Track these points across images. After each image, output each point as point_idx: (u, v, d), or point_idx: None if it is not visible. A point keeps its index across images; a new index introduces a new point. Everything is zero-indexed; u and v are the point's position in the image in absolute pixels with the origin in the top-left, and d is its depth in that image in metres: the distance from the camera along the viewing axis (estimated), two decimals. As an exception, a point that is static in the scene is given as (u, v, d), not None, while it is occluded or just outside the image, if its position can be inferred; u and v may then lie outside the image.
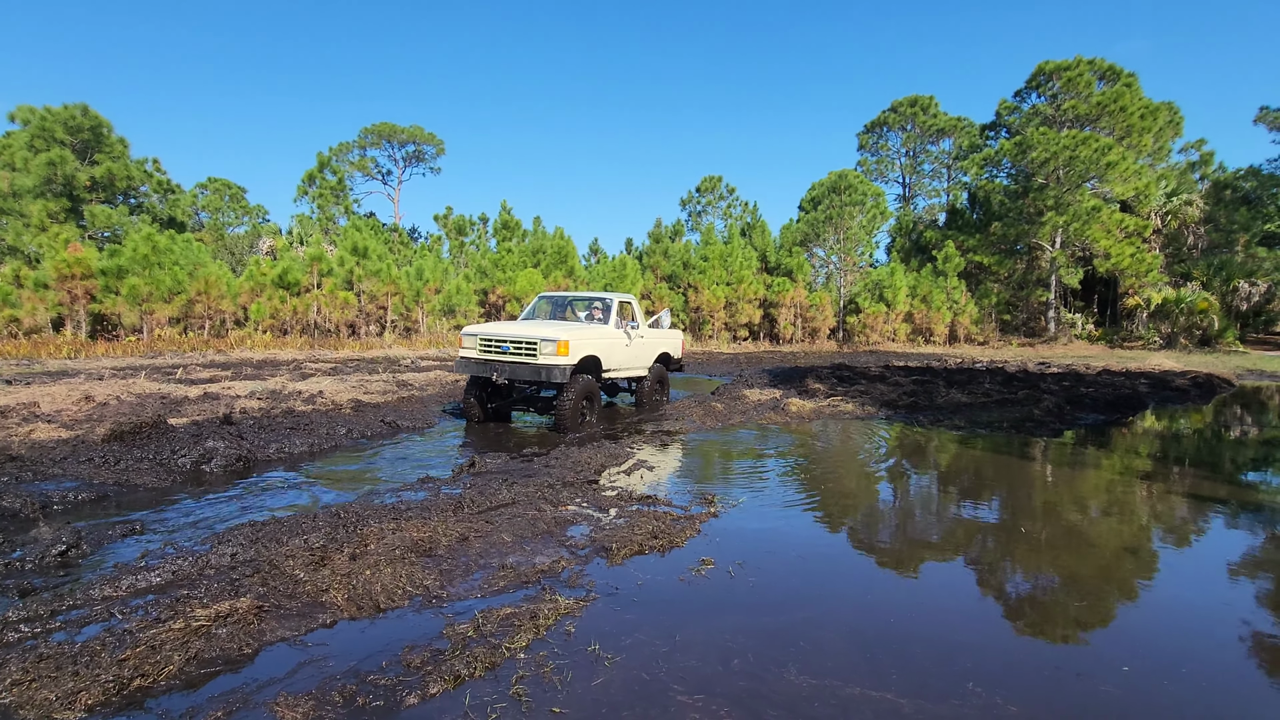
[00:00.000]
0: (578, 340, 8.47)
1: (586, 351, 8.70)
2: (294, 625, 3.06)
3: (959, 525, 5.12)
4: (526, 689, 2.61)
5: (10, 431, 7.19)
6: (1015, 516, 5.38)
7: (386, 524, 4.22)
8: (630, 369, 10.13)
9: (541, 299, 11.00)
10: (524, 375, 8.36)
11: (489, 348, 8.73)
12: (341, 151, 48.31)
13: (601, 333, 9.28)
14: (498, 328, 9.00)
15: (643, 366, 10.47)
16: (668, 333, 11.18)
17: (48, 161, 27.00)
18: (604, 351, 9.16)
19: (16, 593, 3.38)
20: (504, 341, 8.59)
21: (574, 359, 8.36)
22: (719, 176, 45.44)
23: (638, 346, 10.14)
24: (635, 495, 5.45)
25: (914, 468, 7.19)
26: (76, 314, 21.89)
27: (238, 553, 3.74)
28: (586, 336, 8.78)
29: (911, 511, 5.55)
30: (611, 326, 9.61)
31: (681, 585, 3.72)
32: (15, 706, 2.36)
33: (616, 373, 9.77)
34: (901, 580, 3.97)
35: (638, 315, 10.42)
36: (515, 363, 8.43)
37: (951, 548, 4.60)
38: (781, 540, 4.61)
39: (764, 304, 33.01)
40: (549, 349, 8.24)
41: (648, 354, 10.53)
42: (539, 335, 8.32)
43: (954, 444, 8.36)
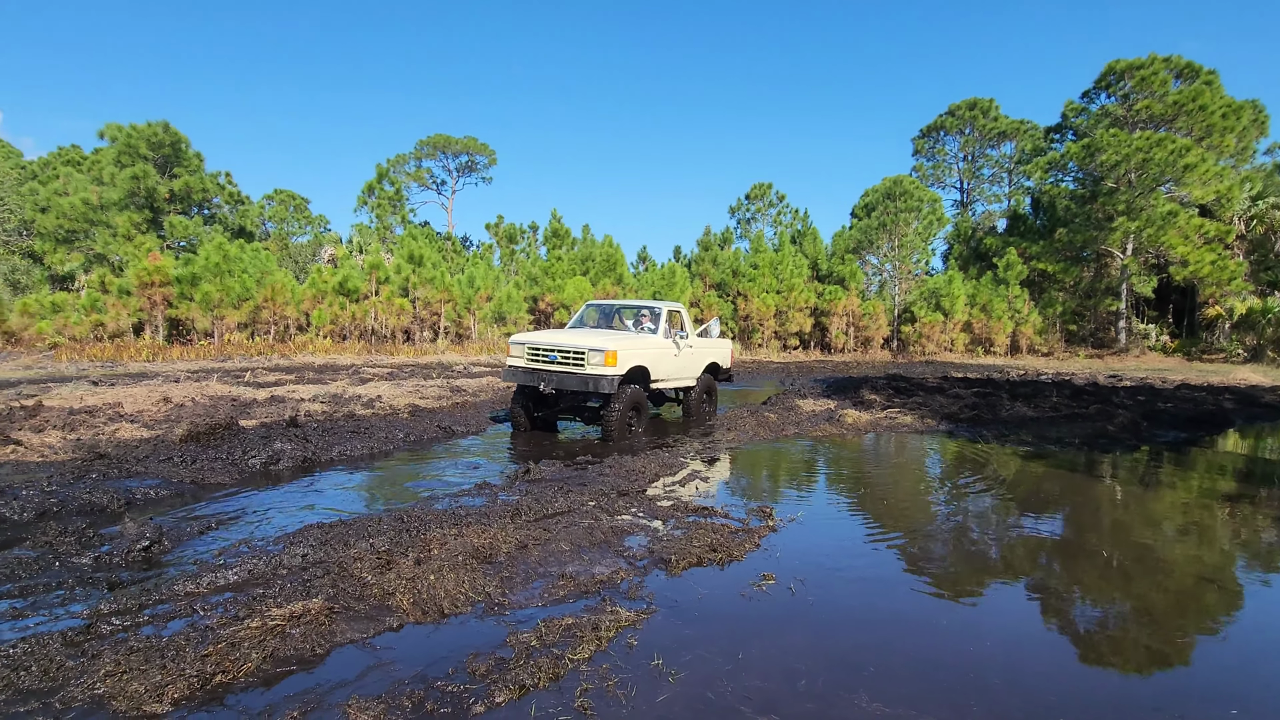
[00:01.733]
0: (626, 350, 8.36)
1: (634, 362, 8.55)
2: (362, 628, 3.12)
3: (1031, 547, 4.88)
4: (591, 702, 2.59)
5: (98, 430, 7.62)
6: (1091, 539, 5.10)
7: (448, 529, 4.28)
8: (678, 379, 9.94)
9: (589, 307, 10.89)
10: (571, 385, 8.23)
11: (537, 357, 8.61)
12: (399, 163, 49.87)
13: (649, 342, 9.13)
14: (546, 336, 8.90)
15: (691, 377, 10.27)
16: (717, 342, 10.99)
17: (132, 176, 28.70)
18: (652, 361, 8.99)
19: (106, 586, 3.55)
20: (552, 350, 8.48)
21: (622, 369, 8.23)
22: (768, 183, 45.01)
23: (686, 356, 9.95)
24: (691, 506, 5.39)
25: (980, 485, 6.92)
26: (155, 319, 23.15)
27: (308, 554, 3.85)
28: (634, 346, 8.65)
29: (980, 531, 5.33)
30: (660, 336, 9.43)
31: (742, 601, 3.65)
32: (108, 697, 2.47)
33: (664, 383, 9.61)
34: (972, 604, 3.80)
35: (686, 324, 10.24)
36: (563, 372, 8.32)
37: (1023, 571, 4.39)
38: (843, 558, 4.48)
39: (815, 312, 32.50)
40: (597, 359, 8.11)
41: (696, 364, 10.32)
42: (587, 345, 8.23)
43: (1022, 461, 8.01)
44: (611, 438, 8.40)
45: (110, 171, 29.20)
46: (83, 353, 19.02)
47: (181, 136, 30.89)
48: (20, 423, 7.74)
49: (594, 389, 8.10)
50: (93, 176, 30.06)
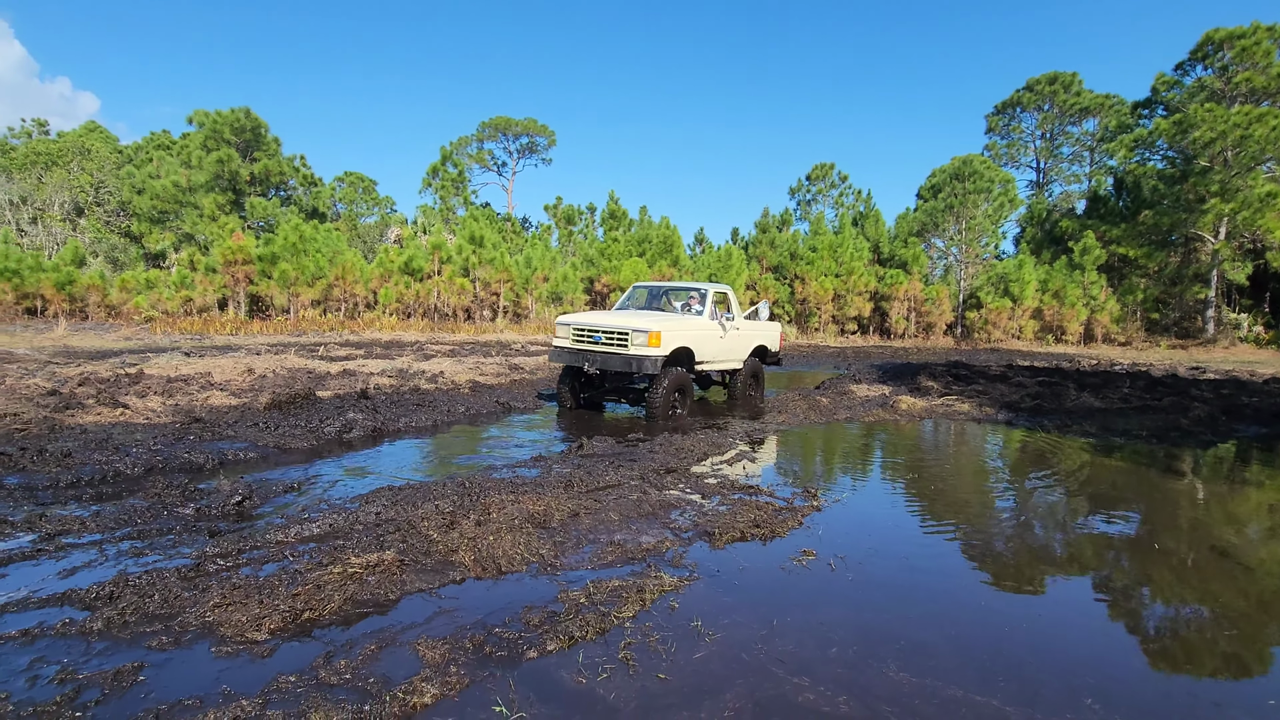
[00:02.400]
0: (670, 331, 8.38)
1: (679, 343, 8.57)
2: (429, 579, 3.44)
3: (1084, 539, 4.84)
4: (633, 655, 2.81)
5: (193, 397, 8.32)
6: (1150, 533, 5.01)
7: (506, 496, 4.58)
8: (724, 361, 9.92)
9: (637, 288, 10.91)
10: (615, 366, 8.27)
11: (582, 337, 8.67)
12: (461, 145, 50.95)
13: (695, 324, 9.10)
14: (591, 317, 8.93)
15: (737, 359, 10.23)
16: (765, 325, 10.84)
17: (217, 159, 30.41)
18: (697, 343, 8.99)
19: (207, 533, 3.99)
20: (596, 331, 8.53)
21: (666, 350, 8.28)
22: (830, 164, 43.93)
23: (732, 339, 9.89)
24: (737, 484, 5.55)
25: (1035, 474, 6.81)
26: (238, 295, 24.64)
27: (381, 512, 4.21)
28: (679, 328, 8.64)
29: (1030, 520, 5.30)
30: (706, 318, 9.39)
31: (782, 574, 3.80)
32: (217, 624, 2.84)
33: (709, 365, 9.60)
34: (1016, 592, 3.84)
35: (733, 306, 10.15)
36: (607, 353, 8.38)
37: (1075, 563, 4.37)
38: (886, 539, 4.56)
39: (875, 296, 31.78)
40: (640, 340, 8.15)
41: (743, 346, 10.25)
42: (631, 326, 8.24)
43: (1082, 452, 7.80)
44: (656, 419, 8.48)
45: (198, 155, 31.01)
46: (174, 326, 20.49)
47: (261, 122, 32.46)
48: (126, 389, 8.52)
49: (637, 370, 8.13)
50: (182, 160, 32.01)
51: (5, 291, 21.78)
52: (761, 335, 10.72)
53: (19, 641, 2.73)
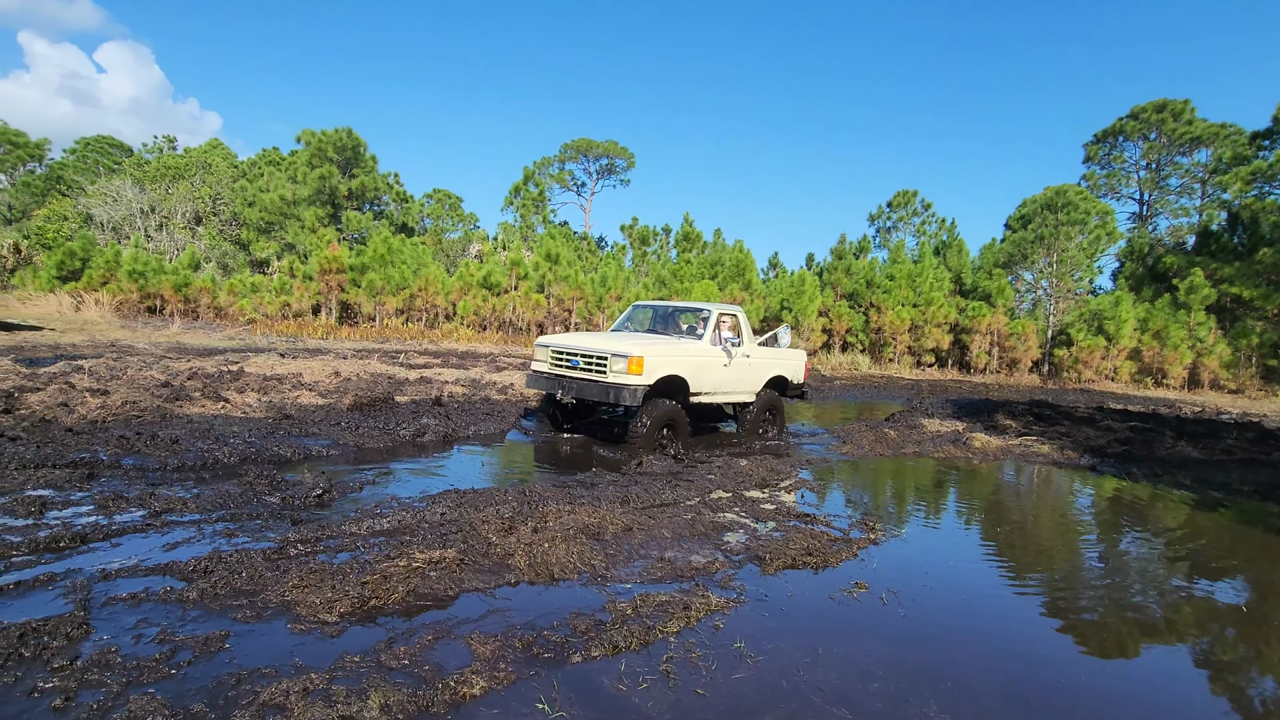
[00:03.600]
0: (656, 357, 7.38)
1: (667, 370, 7.52)
2: (486, 579, 3.61)
3: (1169, 598, 4.54)
4: (674, 669, 2.88)
5: (284, 395, 8.96)
6: (1246, 597, 4.65)
7: (563, 506, 4.74)
8: (730, 393, 8.67)
9: (638, 308, 9.70)
10: (592, 395, 7.32)
11: (560, 361, 7.71)
12: (544, 166, 52.68)
13: (690, 349, 7.99)
14: (571, 339, 8.03)
15: (747, 391, 8.93)
16: (785, 353, 9.58)
17: (320, 175, 32.68)
18: (692, 371, 7.86)
19: (290, 520, 4.33)
20: (575, 355, 7.57)
21: (649, 379, 7.26)
22: (913, 191, 42.90)
23: (740, 367, 8.64)
24: (793, 511, 5.51)
25: (1117, 525, 6.42)
26: (330, 302, 26.24)
27: (445, 513, 4.45)
28: (669, 353, 7.63)
29: (1109, 574, 5.01)
30: (706, 342, 8.23)
31: (831, 604, 3.77)
32: (294, 603, 3.10)
33: (710, 396, 8.37)
34: (1085, 646, 3.66)
35: (744, 330, 8.85)
36: (584, 380, 7.42)
37: (1155, 624, 4.11)
38: (944, 578, 4.44)
39: (955, 329, 30.59)
40: (619, 365, 7.14)
41: (754, 377, 8.96)
42: (610, 349, 7.29)
43: (1174, 505, 7.29)
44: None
45: (303, 171, 33.41)
46: (272, 328, 22.04)
47: (361, 141, 34.68)
48: (228, 384, 9.27)
49: (615, 400, 7.15)
50: (289, 175, 34.56)
51: (132, 291, 24.00)
52: (780, 365, 9.49)
53: (128, 603, 3.06)
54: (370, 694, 2.44)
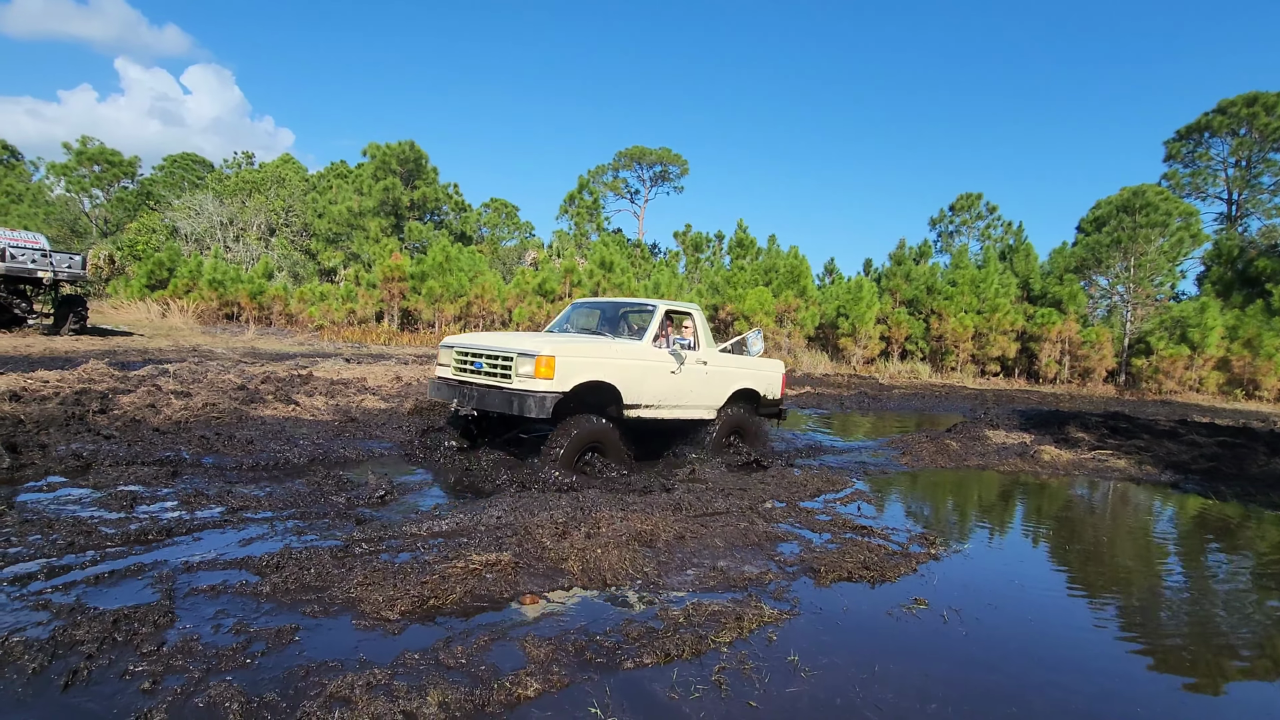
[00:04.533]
0: (572, 358, 6.03)
1: (589, 375, 6.13)
2: (540, 583, 3.68)
3: (1262, 626, 4.24)
4: (727, 679, 2.86)
5: (349, 399, 9.33)
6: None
7: (615, 512, 4.77)
8: (680, 407, 7.15)
9: (577, 307, 8.21)
10: (493, 405, 6.03)
11: (464, 364, 6.49)
12: (598, 174, 53.31)
13: (623, 350, 6.59)
14: (477, 337, 6.79)
15: (705, 406, 7.43)
16: (755, 361, 8.05)
17: (384, 187, 33.96)
18: (625, 378, 6.45)
19: (355, 520, 4.50)
20: (478, 356, 6.35)
21: (562, 385, 5.89)
22: (978, 194, 41.50)
23: (694, 377, 7.16)
24: (849, 524, 5.40)
25: (1203, 546, 6.03)
26: (392, 309, 27.18)
27: (501, 516, 4.55)
28: (591, 354, 6.29)
29: (1192, 598, 4.71)
30: (646, 343, 6.83)
31: (888, 620, 3.68)
32: (358, 600, 3.23)
33: (654, 411, 6.85)
34: (1164, 679, 3.45)
35: (699, 332, 7.42)
36: (486, 387, 6.15)
37: (1245, 655, 3.84)
38: (1009, 598, 4.26)
39: (1022, 336, 29.36)
40: (525, 368, 5.84)
41: (714, 389, 7.48)
42: (516, 348, 6.05)
43: (1268, 526, 6.79)
44: (557, 484, 5.74)
45: (368, 184, 34.79)
46: (339, 334, 23.00)
47: (423, 153, 35.88)
48: (298, 388, 9.72)
49: (519, 411, 5.80)
50: (355, 188, 36.04)
51: (211, 299, 25.45)
52: (748, 376, 7.88)
53: (208, 595, 3.25)
54: (429, 691, 2.52)
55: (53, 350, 12.89)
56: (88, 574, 3.38)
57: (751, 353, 8.06)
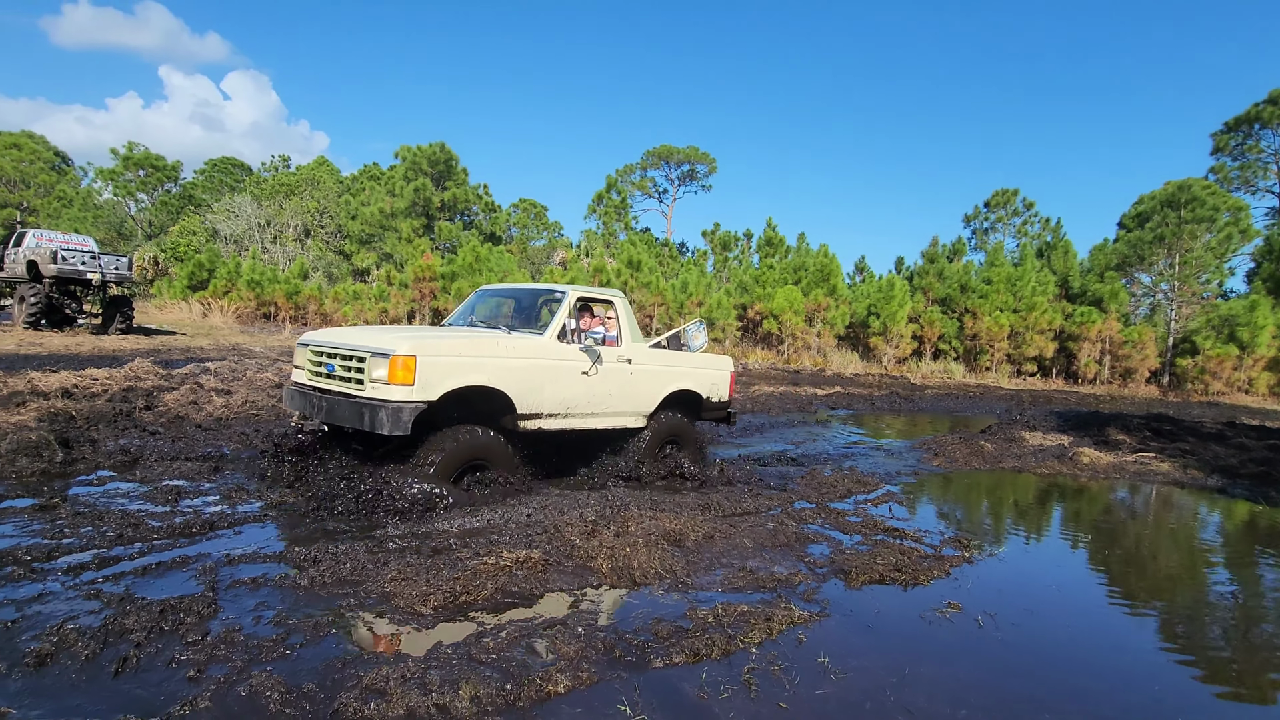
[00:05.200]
0: (438, 358, 4.77)
1: (463, 380, 4.89)
2: (569, 580, 3.71)
3: (1307, 632, 4.08)
4: (756, 680, 2.85)
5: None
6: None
7: (644, 512, 4.78)
8: (597, 415, 5.94)
9: (481, 295, 6.84)
10: (342, 419, 4.83)
11: (319, 367, 5.23)
12: (626, 173, 53.34)
13: (514, 347, 5.29)
14: (334, 334, 5.44)
15: (630, 413, 6.22)
16: (696, 359, 6.93)
17: (415, 189, 34.46)
18: (517, 382, 5.22)
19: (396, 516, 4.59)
20: (332, 356, 5.11)
21: (425, 394, 4.67)
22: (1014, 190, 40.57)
23: (614, 379, 5.96)
24: (881, 525, 5.33)
25: (1251, 553, 5.82)
26: (423, 308, 27.58)
27: (531, 514, 4.60)
28: (469, 351, 5.00)
29: (1240, 606, 4.55)
30: (548, 339, 5.57)
31: (921, 623, 3.63)
32: (392, 595, 3.29)
33: (559, 421, 5.65)
34: (1210, 689, 3.34)
35: (623, 324, 6.24)
36: (338, 395, 4.94)
37: (1289, 656, 3.71)
38: (1046, 603, 4.17)
39: (1060, 335, 28.63)
40: (379, 371, 4.63)
41: (641, 393, 6.26)
42: (370, 345, 4.81)
43: (1320, 532, 6.53)
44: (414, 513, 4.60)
45: (400, 185, 35.35)
46: (372, 333, 23.44)
47: (453, 155, 36.33)
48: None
49: (369, 427, 4.59)
50: (387, 189, 36.65)
51: (249, 299, 26.12)
52: (686, 375, 6.72)
53: (249, 587, 3.34)
54: (461, 685, 2.56)
55: (101, 349, 13.37)
56: (136, 565, 3.51)
57: (692, 348, 7.07)
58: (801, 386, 19.10)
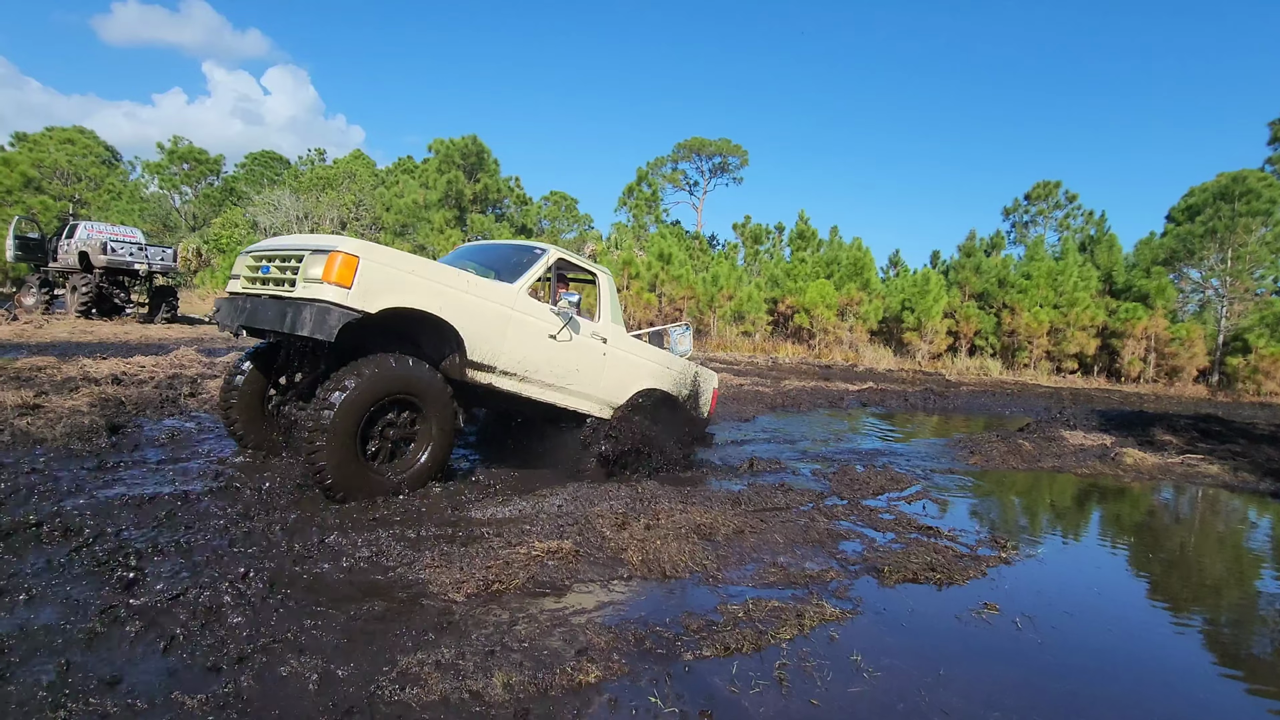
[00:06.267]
0: (385, 267, 4.20)
1: (410, 300, 4.29)
2: (600, 572, 3.72)
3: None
4: (787, 675, 2.83)
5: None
6: None
7: (674, 505, 4.78)
8: (559, 389, 5.39)
9: (463, 250, 6.26)
10: (263, 321, 4.26)
11: (255, 274, 4.68)
12: (656, 166, 53.16)
13: (477, 285, 4.74)
14: (280, 239, 4.84)
15: (597, 398, 5.73)
16: (679, 361, 6.45)
17: (448, 181, 34.83)
18: (472, 321, 4.64)
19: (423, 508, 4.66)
20: (270, 259, 4.57)
21: (362, 302, 4.07)
22: (1056, 182, 39.42)
23: (585, 354, 5.49)
24: (915, 524, 5.25)
25: (1305, 560, 5.58)
26: (456, 300, 27.93)
27: (562, 505, 4.63)
28: (423, 273, 4.40)
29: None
30: (517, 288, 5.04)
31: (956, 623, 3.56)
32: (427, 582, 3.35)
33: (516, 382, 5.07)
34: (1258, 698, 3.23)
35: (605, 302, 5.83)
36: (264, 298, 4.41)
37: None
38: (1088, 606, 4.06)
39: (1103, 332, 27.81)
40: (314, 269, 4.06)
41: (612, 379, 5.78)
42: (311, 244, 4.26)
43: (1382, 541, 6.23)
44: (328, 486, 4.13)
45: (433, 177, 35.76)
46: (406, 324, 23.81)
47: (485, 147, 36.61)
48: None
49: (290, 328, 4.01)
50: (420, 182, 37.10)
51: (289, 289, 26.75)
52: (664, 375, 6.23)
53: (288, 570, 3.43)
54: (494, 672, 2.59)
55: (147, 337, 13.83)
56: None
57: (676, 351, 6.56)
58: (833, 381, 18.88)
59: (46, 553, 3.29)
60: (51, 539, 3.43)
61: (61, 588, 2.98)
